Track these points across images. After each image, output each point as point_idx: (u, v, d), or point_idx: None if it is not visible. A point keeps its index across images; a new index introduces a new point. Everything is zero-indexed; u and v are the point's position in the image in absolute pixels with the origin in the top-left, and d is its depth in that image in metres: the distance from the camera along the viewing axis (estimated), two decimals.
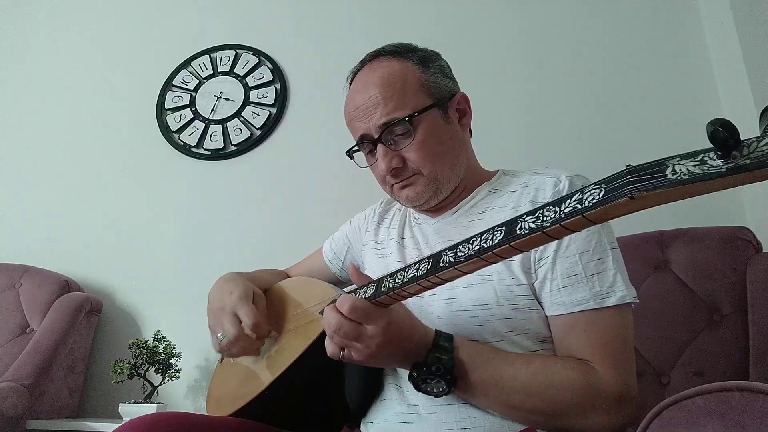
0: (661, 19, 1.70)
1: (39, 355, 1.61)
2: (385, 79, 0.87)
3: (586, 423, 0.70)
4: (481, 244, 0.55)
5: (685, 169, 0.39)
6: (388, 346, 0.68)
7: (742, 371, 1.04)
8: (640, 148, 1.59)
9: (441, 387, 0.70)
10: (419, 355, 0.71)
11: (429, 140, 0.86)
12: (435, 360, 0.70)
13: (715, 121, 0.37)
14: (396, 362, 0.72)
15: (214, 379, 1.01)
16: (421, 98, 0.87)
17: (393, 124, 0.85)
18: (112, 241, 1.97)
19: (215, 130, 2.01)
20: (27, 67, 2.32)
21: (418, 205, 0.91)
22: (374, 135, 0.86)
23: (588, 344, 0.74)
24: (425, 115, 0.86)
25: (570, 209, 0.47)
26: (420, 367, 0.70)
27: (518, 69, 1.79)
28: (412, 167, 0.87)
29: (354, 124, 0.90)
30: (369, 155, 0.92)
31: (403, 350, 0.70)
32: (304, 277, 1.08)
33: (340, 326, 0.67)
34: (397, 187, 0.89)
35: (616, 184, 0.44)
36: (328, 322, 0.68)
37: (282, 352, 0.86)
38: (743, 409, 0.49)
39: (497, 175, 0.94)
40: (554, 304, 0.77)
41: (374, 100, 0.86)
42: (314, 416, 0.89)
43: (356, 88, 0.91)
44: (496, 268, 0.80)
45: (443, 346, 0.71)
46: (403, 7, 1.96)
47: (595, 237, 0.78)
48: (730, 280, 1.13)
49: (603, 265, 0.76)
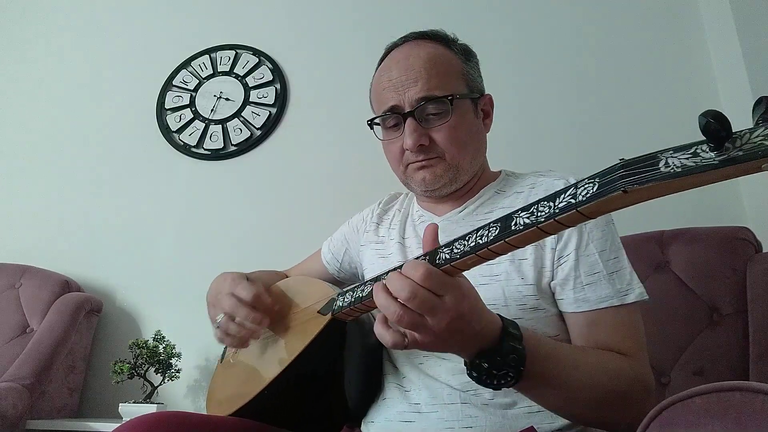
0: (662, 18, 1.70)
1: (39, 355, 1.61)
2: (431, 57, 0.86)
3: (627, 412, 0.71)
4: (477, 241, 0.54)
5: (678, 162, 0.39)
6: (459, 324, 0.57)
7: (742, 371, 1.04)
8: (642, 147, 1.59)
9: (509, 378, 0.62)
10: (487, 340, 0.61)
11: (460, 126, 0.86)
12: (510, 348, 0.61)
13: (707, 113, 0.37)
14: (461, 346, 0.61)
15: (214, 378, 1.00)
16: (461, 85, 0.88)
17: (432, 100, 0.84)
18: (112, 241, 1.97)
19: (215, 130, 2.01)
20: (27, 67, 2.32)
21: (431, 189, 0.89)
22: (406, 108, 0.85)
23: (620, 338, 0.75)
24: (462, 101, 0.87)
25: (564, 204, 0.47)
26: (492, 355, 0.61)
27: (518, 68, 1.79)
28: (436, 149, 0.86)
29: (384, 94, 0.88)
30: (390, 129, 0.89)
31: (473, 332, 0.60)
32: (302, 277, 1.08)
33: (415, 295, 0.54)
34: (416, 166, 0.87)
35: (610, 178, 0.44)
36: (397, 290, 0.55)
37: (281, 352, 0.86)
38: (743, 409, 0.48)
39: (501, 176, 0.95)
40: (578, 300, 0.78)
41: (416, 74, 0.85)
42: (314, 415, 0.89)
43: (395, 59, 0.89)
44: (505, 268, 0.80)
45: (514, 334, 0.63)
46: (403, 8, 1.96)
47: (610, 237, 0.81)
48: (730, 280, 1.13)
49: (619, 263, 0.79)
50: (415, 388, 0.80)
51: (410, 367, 0.82)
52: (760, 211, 1.41)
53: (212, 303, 0.93)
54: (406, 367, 0.83)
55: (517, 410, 0.75)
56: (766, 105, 0.37)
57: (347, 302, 0.74)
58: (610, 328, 0.76)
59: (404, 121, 0.85)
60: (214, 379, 1.00)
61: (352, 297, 0.73)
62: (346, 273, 1.10)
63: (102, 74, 2.22)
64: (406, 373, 0.83)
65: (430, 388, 0.79)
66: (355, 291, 0.72)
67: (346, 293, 0.75)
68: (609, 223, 0.82)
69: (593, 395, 0.69)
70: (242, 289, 0.85)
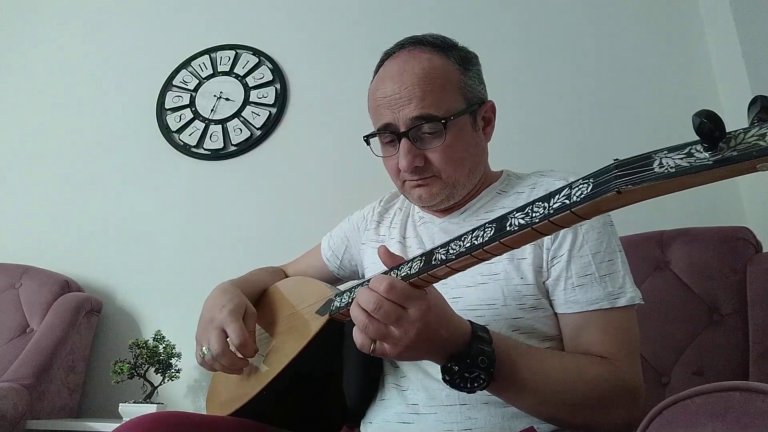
0: (662, 19, 1.70)
1: (39, 355, 1.61)
2: (426, 73, 0.82)
3: (608, 417, 0.71)
4: (472, 242, 0.54)
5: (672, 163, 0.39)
6: (426, 333, 0.60)
7: (742, 371, 1.04)
8: (641, 147, 1.59)
9: (480, 380, 0.64)
10: (457, 345, 0.64)
11: (456, 145, 0.83)
12: (479, 351, 0.64)
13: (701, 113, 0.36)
14: (431, 353, 0.64)
15: (214, 379, 1.01)
16: (458, 101, 0.84)
17: (425, 122, 0.81)
18: (112, 241, 1.97)
19: (215, 130, 2.01)
20: (27, 67, 2.32)
21: (428, 205, 0.89)
22: (401, 128, 0.82)
23: (605, 341, 0.75)
24: (458, 119, 0.83)
25: (558, 204, 0.47)
26: (462, 358, 0.63)
27: (517, 68, 1.79)
28: (431, 169, 0.84)
29: (379, 110, 0.85)
30: (387, 145, 0.87)
31: (441, 339, 0.63)
32: (299, 277, 1.08)
33: (379, 306, 0.59)
34: (411, 185, 0.86)
35: (604, 179, 0.43)
36: (364, 303, 0.60)
37: (279, 352, 0.86)
38: (743, 409, 0.48)
39: (502, 177, 0.94)
40: (568, 301, 0.77)
41: (410, 92, 0.81)
42: (313, 416, 0.89)
43: (390, 73, 0.85)
44: (504, 267, 0.80)
45: (483, 337, 0.65)
46: (403, 8, 1.96)
47: (606, 239, 0.79)
48: (730, 280, 1.13)
49: (613, 266, 0.78)
50: (413, 388, 0.80)
51: (410, 366, 0.82)
52: (760, 211, 1.41)
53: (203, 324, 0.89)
54: (406, 365, 0.83)
55: (516, 410, 0.74)
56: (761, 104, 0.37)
57: (344, 303, 0.74)
58: (598, 331, 0.75)
59: (399, 141, 0.83)
60: (214, 379, 1.00)
61: (349, 297, 0.73)
62: (346, 270, 1.09)
63: (102, 74, 2.22)
64: (405, 372, 0.83)
65: (428, 388, 0.78)
66: (352, 292, 0.72)
67: (343, 294, 0.75)
68: (606, 224, 0.81)
69: (568, 399, 0.70)
70: (233, 331, 0.83)
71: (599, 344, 0.75)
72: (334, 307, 0.76)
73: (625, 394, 0.72)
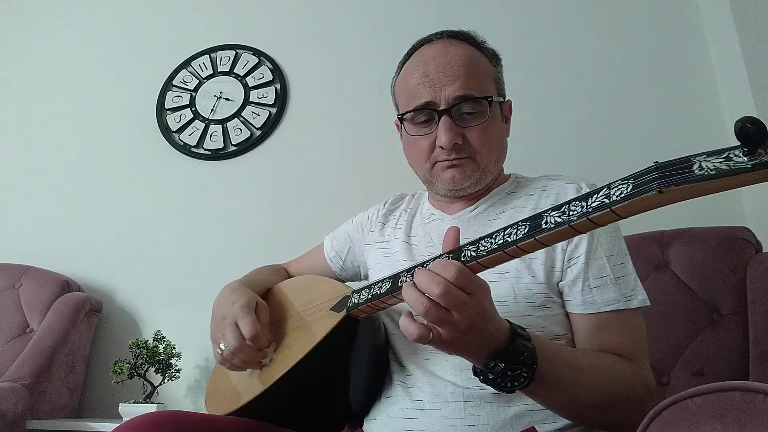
0: (662, 20, 1.70)
1: (39, 355, 1.61)
2: (468, 57, 0.87)
3: (629, 414, 0.71)
4: (505, 239, 0.56)
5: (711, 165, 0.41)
6: (480, 322, 0.60)
7: (742, 371, 1.04)
8: (641, 147, 1.59)
9: (522, 379, 0.63)
10: (498, 342, 0.62)
11: (492, 129, 0.87)
12: (522, 347, 0.62)
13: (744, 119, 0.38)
14: (477, 346, 0.62)
15: (213, 376, 1.00)
16: (494, 89, 0.89)
17: (470, 100, 0.84)
18: (112, 241, 1.97)
19: (215, 130, 2.01)
20: (27, 68, 2.32)
21: (457, 189, 0.89)
22: (442, 105, 0.84)
23: (623, 341, 0.77)
24: (495, 106, 0.88)
25: (597, 203, 0.49)
26: (506, 355, 0.62)
27: (517, 69, 1.79)
28: (468, 149, 0.86)
29: (418, 90, 0.86)
30: (421, 125, 0.88)
31: (488, 332, 0.61)
32: (308, 276, 1.08)
33: (448, 291, 0.57)
34: (445, 165, 0.87)
35: (644, 179, 0.46)
36: (426, 288, 0.58)
37: (288, 350, 0.85)
38: (743, 409, 0.48)
39: (511, 179, 0.96)
40: (585, 302, 0.79)
41: (454, 72, 0.84)
42: (316, 415, 0.89)
43: (432, 54, 0.88)
44: (515, 266, 0.81)
45: (523, 334, 0.64)
46: (403, 8, 1.96)
47: (617, 243, 0.83)
48: (729, 280, 1.13)
49: (625, 269, 0.81)
50: (419, 385, 0.80)
51: (416, 365, 0.83)
52: (760, 211, 1.41)
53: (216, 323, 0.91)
54: (412, 364, 0.83)
55: (519, 408, 0.75)
56: None
57: (363, 299, 0.74)
58: (615, 331, 0.78)
59: (438, 118, 0.85)
60: (214, 377, 1.00)
61: (369, 294, 0.74)
62: (348, 271, 1.10)
63: (102, 74, 2.22)
64: (411, 370, 0.83)
65: (434, 385, 0.79)
66: (372, 288, 0.73)
67: (362, 291, 0.76)
68: (616, 229, 0.84)
69: (598, 396, 0.71)
70: (244, 324, 0.84)
71: (617, 344, 0.77)
72: (352, 304, 0.77)
73: (644, 391, 0.74)
